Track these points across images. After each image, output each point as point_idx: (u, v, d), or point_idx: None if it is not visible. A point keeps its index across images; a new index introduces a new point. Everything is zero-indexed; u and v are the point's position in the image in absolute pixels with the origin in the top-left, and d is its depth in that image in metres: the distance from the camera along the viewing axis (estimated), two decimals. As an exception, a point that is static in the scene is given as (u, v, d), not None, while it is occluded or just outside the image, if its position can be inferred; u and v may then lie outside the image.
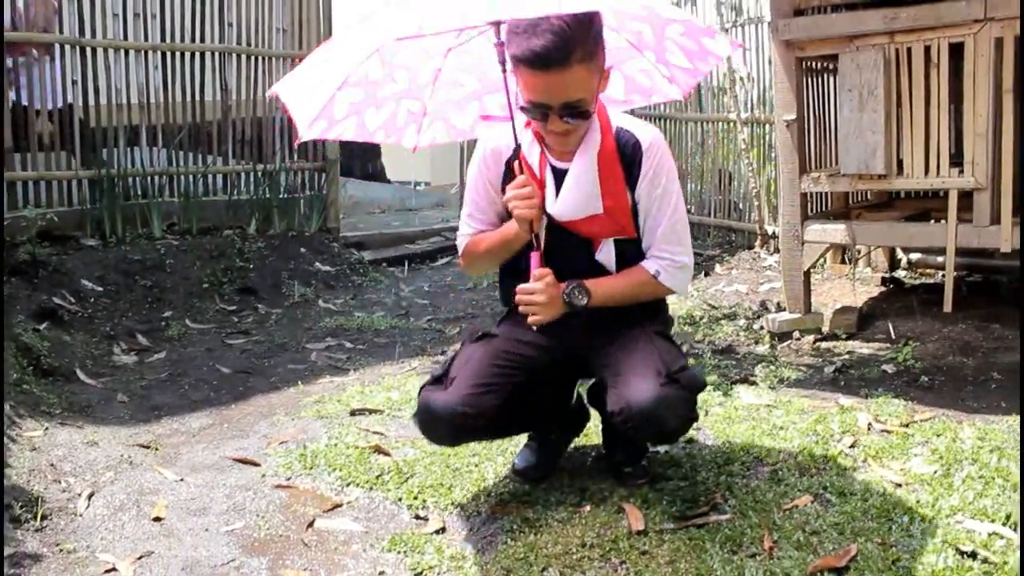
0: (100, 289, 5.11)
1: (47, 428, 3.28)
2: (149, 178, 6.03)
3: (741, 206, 6.99)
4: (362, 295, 5.90)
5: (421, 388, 2.41)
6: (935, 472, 2.61)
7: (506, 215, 2.39)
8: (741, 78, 6.83)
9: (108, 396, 3.83)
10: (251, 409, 3.65)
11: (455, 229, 2.71)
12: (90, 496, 2.74)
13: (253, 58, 6.46)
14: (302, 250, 6.30)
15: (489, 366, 2.38)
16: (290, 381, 4.00)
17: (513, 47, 2.16)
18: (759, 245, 6.57)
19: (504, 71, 2.22)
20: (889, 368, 3.70)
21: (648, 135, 2.41)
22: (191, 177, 6.20)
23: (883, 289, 5.15)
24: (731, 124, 6.85)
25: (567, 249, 2.38)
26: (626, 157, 2.37)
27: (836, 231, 4.15)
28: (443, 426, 2.36)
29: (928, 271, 5.44)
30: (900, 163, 3.93)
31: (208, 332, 4.95)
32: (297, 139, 2.43)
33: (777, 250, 6.15)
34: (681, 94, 2.66)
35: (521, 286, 2.31)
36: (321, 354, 4.45)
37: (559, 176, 2.38)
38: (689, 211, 7.22)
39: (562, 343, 2.42)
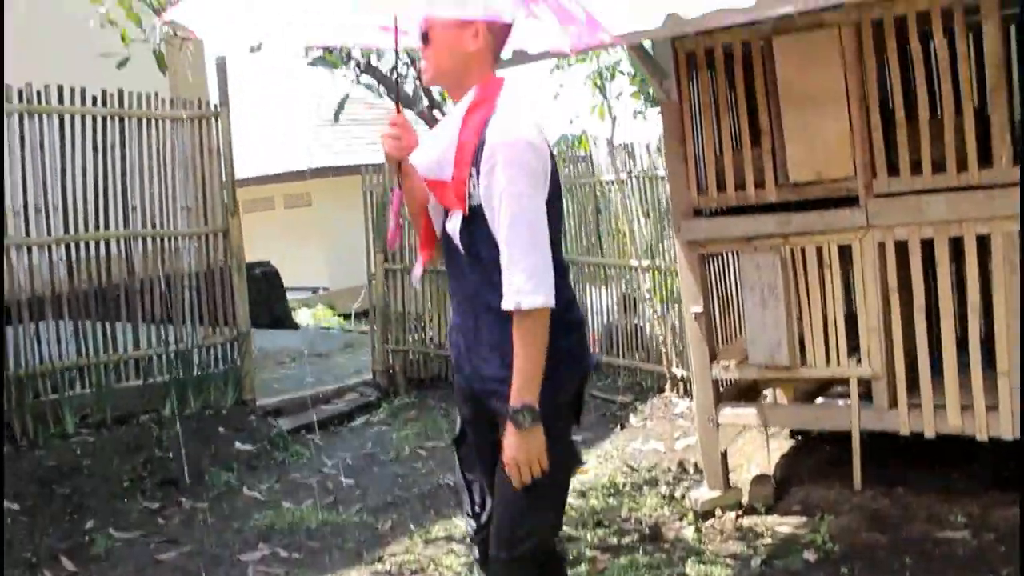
0: (16, 507, 4.96)
1: None
2: (59, 372, 5.93)
3: (648, 346, 7.18)
4: (286, 476, 5.87)
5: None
6: None
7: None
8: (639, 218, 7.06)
9: (41, 650, 3.73)
10: (195, 655, 3.61)
11: (367, 383, 2.83)
12: None
13: (159, 239, 6.45)
14: (220, 429, 6.25)
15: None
16: (230, 611, 3.97)
17: None
18: (669, 388, 6.81)
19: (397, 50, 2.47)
20: (810, 557, 3.92)
21: (504, 129, 2.24)
22: (103, 367, 6.11)
23: (792, 443, 5.42)
24: (632, 270, 7.12)
25: (436, 212, 2.44)
26: (482, 140, 2.27)
27: (749, 414, 4.40)
28: None
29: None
30: (804, 350, 4.22)
31: (135, 542, 4.85)
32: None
33: (687, 393, 6.41)
34: (569, 47, 2.46)
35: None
36: (258, 568, 4.43)
37: None
38: (597, 351, 7.45)
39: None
